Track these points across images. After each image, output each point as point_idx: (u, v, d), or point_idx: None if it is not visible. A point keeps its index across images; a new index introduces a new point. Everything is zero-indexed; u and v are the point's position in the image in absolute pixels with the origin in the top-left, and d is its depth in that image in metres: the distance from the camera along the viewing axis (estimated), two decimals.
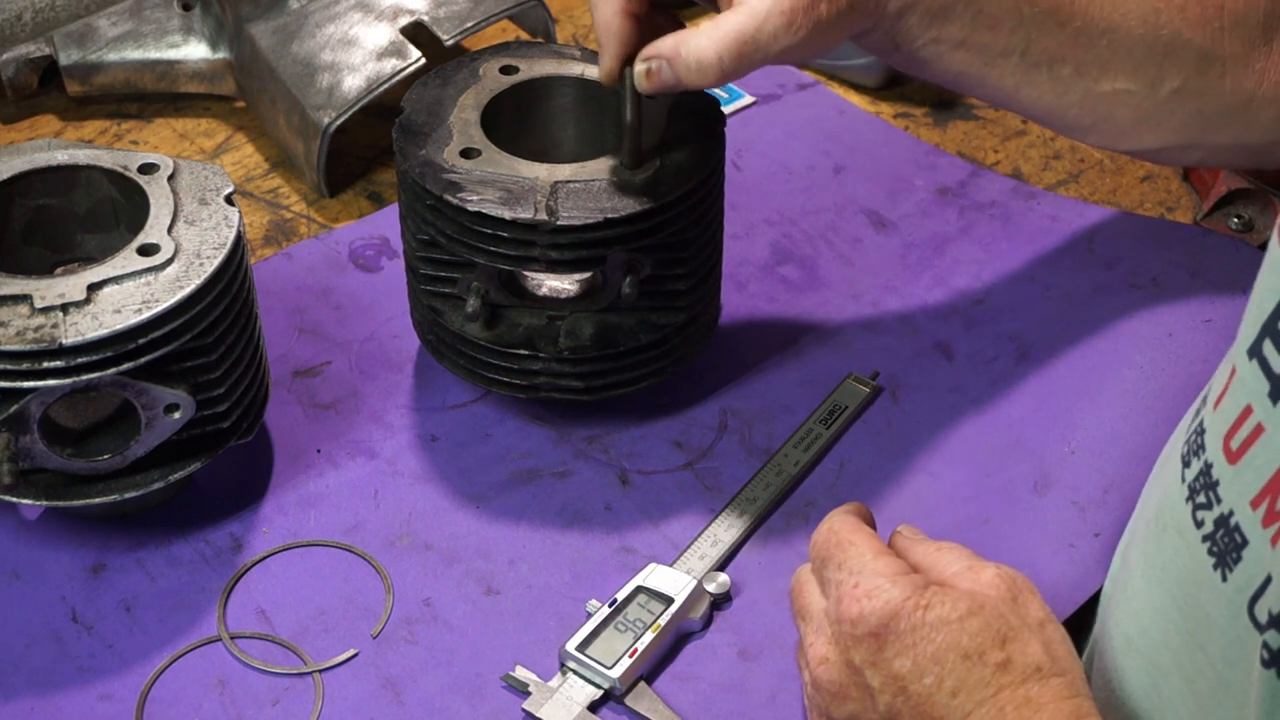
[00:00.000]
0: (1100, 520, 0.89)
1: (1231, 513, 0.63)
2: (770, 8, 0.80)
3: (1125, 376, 0.97)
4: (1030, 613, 0.69)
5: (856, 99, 1.21)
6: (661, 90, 0.83)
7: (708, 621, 0.85)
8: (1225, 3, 0.89)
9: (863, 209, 1.10)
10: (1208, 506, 0.65)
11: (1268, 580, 0.60)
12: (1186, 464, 0.68)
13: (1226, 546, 0.63)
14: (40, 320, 0.79)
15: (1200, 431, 0.67)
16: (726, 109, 1.16)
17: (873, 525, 0.78)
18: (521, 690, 0.81)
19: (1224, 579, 0.63)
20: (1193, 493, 0.66)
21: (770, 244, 1.08)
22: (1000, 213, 1.09)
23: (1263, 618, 0.61)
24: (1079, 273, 1.05)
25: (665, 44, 0.82)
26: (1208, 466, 0.65)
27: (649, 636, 0.82)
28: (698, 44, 0.81)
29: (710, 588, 0.85)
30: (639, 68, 0.83)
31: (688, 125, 0.90)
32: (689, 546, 0.88)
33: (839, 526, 0.75)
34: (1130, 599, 0.72)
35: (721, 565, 0.87)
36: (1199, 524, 0.65)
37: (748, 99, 1.20)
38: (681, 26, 0.85)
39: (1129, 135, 0.93)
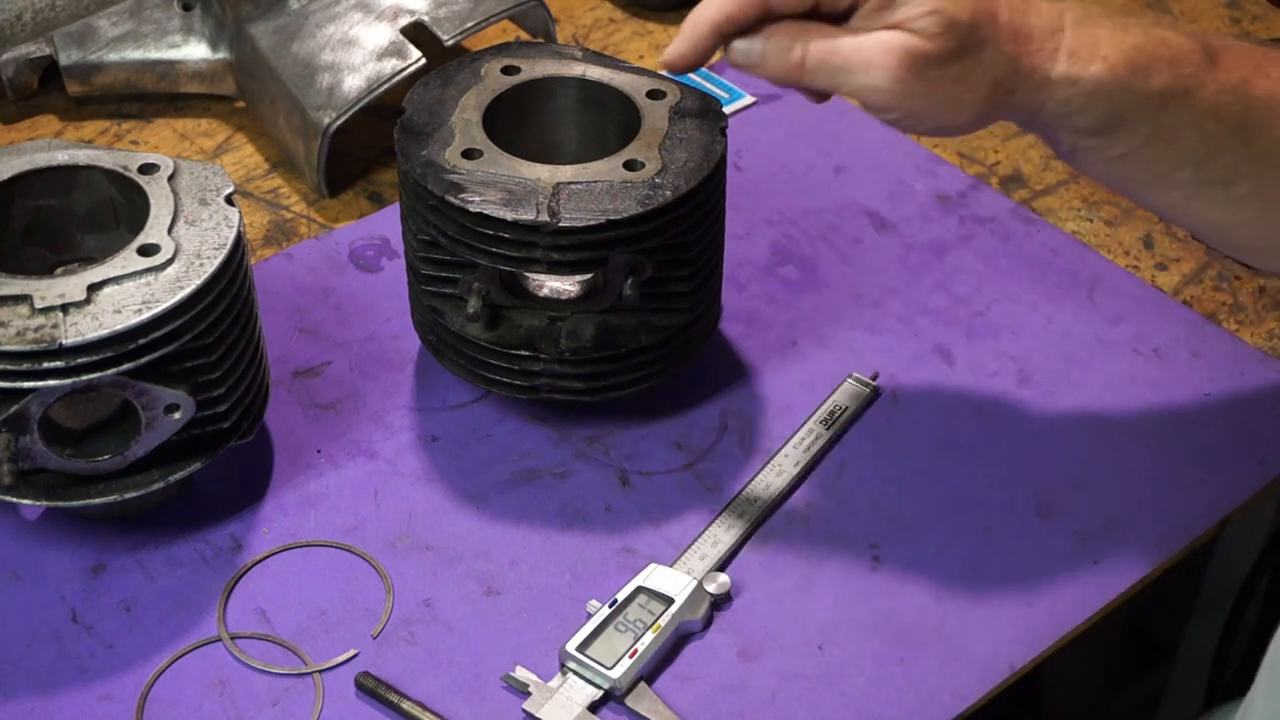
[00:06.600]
0: (1099, 551, 0.88)
1: None
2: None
3: (1129, 428, 0.95)
4: None
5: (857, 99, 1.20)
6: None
7: (708, 622, 0.85)
8: None
9: (863, 210, 1.10)
10: None
11: None
12: None
13: None
14: (40, 320, 0.79)
15: None
16: (727, 109, 1.16)
17: None
18: (521, 690, 0.81)
19: None
20: None
21: (770, 244, 1.08)
22: (999, 230, 1.09)
23: None
24: (1080, 319, 1.02)
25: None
26: None
27: (649, 637, 0.82)
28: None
29: (710, 588, 0.85)
30: None
31: (690, 126, 0.90)
32: (689, 547, 0.88)
33: None
34: None
35: (721, 565, 0.87)
36: None
37: (748, 99, 1.19)
38: None
39: None
